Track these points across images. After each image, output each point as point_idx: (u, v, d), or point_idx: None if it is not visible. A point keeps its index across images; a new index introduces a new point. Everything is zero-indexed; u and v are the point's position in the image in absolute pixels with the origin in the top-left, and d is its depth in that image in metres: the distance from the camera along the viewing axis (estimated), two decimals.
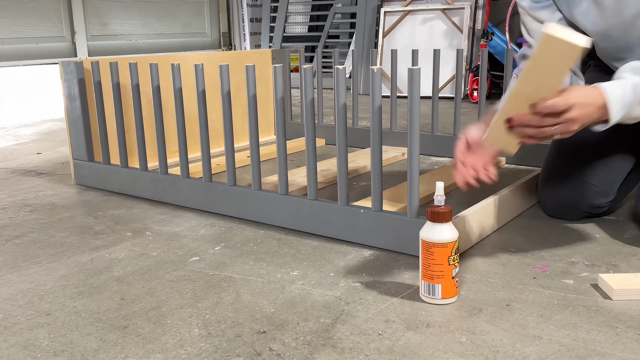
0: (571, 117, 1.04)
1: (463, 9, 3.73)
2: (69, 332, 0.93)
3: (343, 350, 0.86)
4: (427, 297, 1.00)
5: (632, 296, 0.99)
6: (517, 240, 1.28)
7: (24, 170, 2.07)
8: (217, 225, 1.43)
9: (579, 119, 1.05)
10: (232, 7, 5.01)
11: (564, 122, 1.04)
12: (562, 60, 0.97)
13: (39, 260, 1.24)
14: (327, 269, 1.15)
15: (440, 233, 0.97)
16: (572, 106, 1.03)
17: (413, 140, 1.14)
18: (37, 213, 1.57)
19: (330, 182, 1.77)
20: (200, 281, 1.11)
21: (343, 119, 1.23)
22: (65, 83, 1.77)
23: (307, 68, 1.27)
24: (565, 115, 1.04)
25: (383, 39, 4.01)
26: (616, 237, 1.28)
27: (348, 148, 2.30)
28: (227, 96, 1.41)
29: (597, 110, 1.07)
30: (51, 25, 3.78)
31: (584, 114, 1.06)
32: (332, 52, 2.32)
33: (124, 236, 1.37)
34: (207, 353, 0.86)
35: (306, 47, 4.87)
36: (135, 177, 1.66)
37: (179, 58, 2.07)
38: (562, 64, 0.98)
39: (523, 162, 1.94)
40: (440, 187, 0.99)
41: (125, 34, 4.21)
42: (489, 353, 0.84)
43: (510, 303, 0.99)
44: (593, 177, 1.33)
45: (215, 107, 2.18)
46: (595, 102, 1.06)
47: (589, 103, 1.06)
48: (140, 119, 1.62)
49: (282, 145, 1.35)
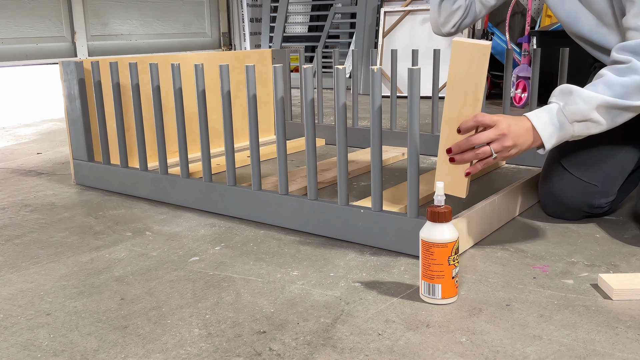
0: (502, 131, 1.10)
1: None
2: (69, 332, 0.93)
3: (343, 350, 0.86)
4: (427, 297, 1.00)
5: (632, 296, 0.99)
6: (517, 240, 1.28)
7: (24, 170, 2.07)
8: (217, 225, 1.43)
9: (510, 134, 1.11)
10: (232, 7, 5.01)
11: (497, 138, 1.10)
12: (476, 66, 1.02)
13: (39, 260, 1.24)
14: (327, 269, 1.15)
15: (441, 233, 0.97)
16: (499, 121, 1.10)
17: (413, 140, 1.14)
18: (37, 213, 1.57)
19: (330, 182, 1.77)
20: (200, 281, 1.11)
21: (343, 119, 1.23)
22: (65, 83, 1.77)
23: (307, 68, 1.27)
24: (495, 129, 1.10)
25: (383, 39, 4.01)
26: (616, 237, 1.28)
27: (348, 148, 2.30)
28: (227, 96, 1.41)
29: (527, 132, 1.14)
30: (51, 25, 3.78)
31: (515, 131, 1.12)
32: (332, 52, 2.32)
33: (124, 236, 1.37)
34: (207, 353, 0.86)
35: (306, 47, 4.87)
36: (135, 177, 1.67)
37: (179, 58, 2.07)
38: (477, 69, 1.03)
39: (523, 162, 1.94)
40: (440, 187, 0.99)
41: (125, 34, 4.21)
42: (489, 353, 0.84)
43: (510, 303, 0.99)
44: (593, 177, 1.33)
45: (215, 107, 2.18)
46: (523, 124, 1.14)
47: (517, 124, 1.13)
48: (140, 119, 1.63)
49: (282, 145, 1.35)
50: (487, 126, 1.10)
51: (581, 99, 1.14)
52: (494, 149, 1.10)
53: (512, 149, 1.12)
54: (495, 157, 1.11)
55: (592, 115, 1.14)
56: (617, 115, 1.15)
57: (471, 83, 1.04)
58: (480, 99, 1.07)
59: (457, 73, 1.03)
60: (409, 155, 1.16)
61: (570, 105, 1.14)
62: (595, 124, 1.15)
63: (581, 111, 1.13)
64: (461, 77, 1.04)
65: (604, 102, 1.13)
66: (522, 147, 1.14)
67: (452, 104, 1.07)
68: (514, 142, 1.12)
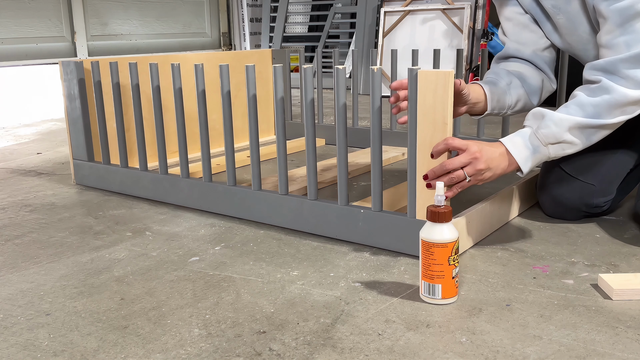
0: (474, 154, 1.11)
1: (463, 9, 3.73)
2: (69, 332, 0.93)
3: (343, 350, 0.86)
4: (427, 297, 1.00)
5: (632, 296, 0.99)
6: (517, 240, 1.28)
7: (24, 170, 2.07)
8: (217, 225, 1.43)
9: (482, 157, 1.12)
10: (232, 7, 5.01)
11: (469, 161, 1.11)
12: (441, 92, 1.08)
13: (39, 260, 1.24)
14: (327, 269, 1.15)
15: (441, 233, 0.97)
16: (469, 145, 1.11)
17: (413, 140, 1.14)
18: (37, 213, 1.57)
19: (330, 182, 1.77)
20: (200, 281, 1.11)
21: (343, 119, 1.23)
22: (65, 83, 1.77)
23: (307, 68, 1.27)
24: (467, 154, 1.11)
25: (383, 39, 4.01)
26: (616, 237, 1.28)
27: (348, 148, 2.30)
28: (227, 96, 1.41)
29: (501, 156, 1.15)
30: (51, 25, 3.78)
31: (487, 155, 1.12)
32: (332, 52, 2.32)
33: (124, 236, 1.37)
34: (207, 353, 0.86)
35: (306, 47, 4.87)
36: (135, 177, 1.66)
37: (179, 58, 2.07)
38: (442, 94, 1.08)
39: None
40: (441, 187, 0.99)
41: (125, 34, 4.21)
42: (489, 353, 0.84)
43: (510, 303, 0.99)
44: (591, 177, 1.33)
45: (215, 107, 2.18)
46: (496, 149, 1.15)
47: (489, 148, 1.14)
48: (140, 119, 1.62)
49: (282, 145, 1.35)
50: (458, 149, 1.12)
51: (552, 122, 1.15)
52: (467, 172, 1.11)
53: (485, 172, 1.12)
54: (469, 180, 1.12)
55: (565, 137, 1.15)
56: (591, 134, 1.16)
57: (438, 108, 1.10)
58: (448, 123, 1.10)
59: (425, 100, 1.10)
60: (409, 155, 1.16)
61: (542, 129, 1.15)
62: (569, 145, 1.16)
63: (553, 134, 1.15)
64: (429, 103, 1.10)
65: (576, 124, 1.14)
66: (496, 171, 1.14)
67: (423, 130, 1.12)
68: (487, 165, 1.12)
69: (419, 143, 1.13)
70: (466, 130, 2.63)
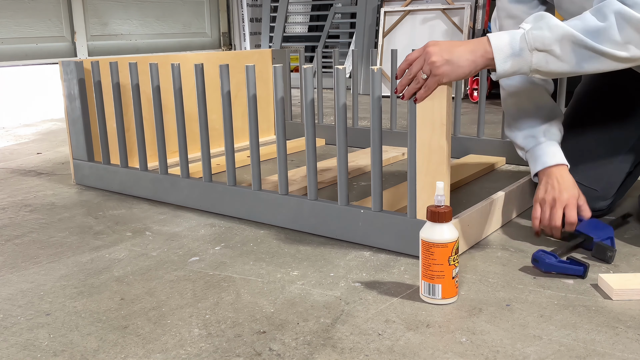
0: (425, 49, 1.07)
1: (463, 9, 3.73)
2: (69, 332, 0.93)
3: (343, 350, 0.86)
4: (427, 297, 1.00)
5: (632, 296, 0.99)
6: (517, 240, 1.28)
7: (24, 170, 2.07)
8: (217, 225, 1.43)
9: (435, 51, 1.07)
10: (232, 7, 5.01)
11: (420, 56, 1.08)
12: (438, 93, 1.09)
13: (39, 260, 1.24)
14: (327, 269, 1.15)
15: (441, 233, 0.97)
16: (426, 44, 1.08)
17: (413, 141, 1.14)
18: (37, 213, 1.57)
19: (330, 182, 1.77)
20: (200, 281, 1.11)
21: (343, 119, 1.23)
22: (65, 83, 1.77)
23: (307, 68, 1.27)
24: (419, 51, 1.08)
25: (383, 39, 4.01)
26: (616, 237, 1.28)
27: (348, 148, 2.30)
28: (227, 96, 1.41)
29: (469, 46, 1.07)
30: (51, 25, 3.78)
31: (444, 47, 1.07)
32: (332, 52, 2.32)
33: (124, 236, 1.37)
34: (207, 353, 0.86)
35: (306, 47, 4.87)
36: (135, 177, 1.66)
37: (179, 58, 2.07)
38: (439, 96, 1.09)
39: (523, 162, 1.94)
40: (441, 187, 0.99)
41: (125, 34, 4.21)
42: (489, 353, 0.84)
43: (510, 303, 0.99)
44: (593, 182, 1.33)
45: (215, 107, 2.18)
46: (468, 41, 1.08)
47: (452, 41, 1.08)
48: (140, 119, 1.62)
49: (282, 145, 1.35)
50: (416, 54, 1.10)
51: (547, 25, 1.04)
52: (422, 69, 1.07)
53: (441, 65, 1.05)
54: (425, 77, 1.07)
55: (553, 47, 1.04)
56: (584, 59, 1.05)
57: (436, 109, 1.10)
58: (445, 124, 1.10)
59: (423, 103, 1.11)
60: (409, 155, 1.16)
61: (535, 29, 1.05)
62: (555, 59, 1.05)
63: (543, 38, 1.04)
64: (428, 104, 1.11)
65: (570, 35, 1.03)
66: (459, 62, 1.06)
67: (422, 130, 1.13)
68: (441, 57, 1.05)
69: (418, 143, 1.13)
70: (466, 130, 2.63)
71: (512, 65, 1.06)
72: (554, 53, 1.05)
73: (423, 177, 1.14)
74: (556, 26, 1.04)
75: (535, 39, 1.05)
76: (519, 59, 1.06)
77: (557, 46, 1.04)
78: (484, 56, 1.07)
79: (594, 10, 1.05)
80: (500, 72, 1.07)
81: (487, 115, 3.02)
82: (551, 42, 1.04)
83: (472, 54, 1.07)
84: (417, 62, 1.09)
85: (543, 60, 1.05)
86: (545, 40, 1.04)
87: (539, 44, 1.05)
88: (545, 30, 1.04)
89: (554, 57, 1.05)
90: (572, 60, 1.05)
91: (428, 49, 1.07)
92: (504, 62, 1.06)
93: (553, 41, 1.04)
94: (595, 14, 1.04)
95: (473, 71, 1.08)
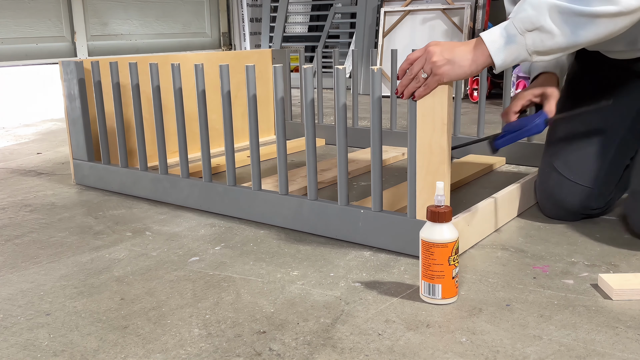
0: (426, 49, 1.08)
1: (463, 9, 3.73)
2: (69, 332, 0.93)
3: (343, 350, 0.86)
4: (427, 297, 1.00)
5: (632, 296, 0.99)
6: (517, 240, 1.28)
7: (24, 170, 2.07)
8: (217, 225, 1.43)
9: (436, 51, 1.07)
10: (232, 7, 5.01)
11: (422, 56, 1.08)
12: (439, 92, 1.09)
13: (39, 260, 1.24)
14: (327, 269, 1.15)
15: (441, 233, 0.97)
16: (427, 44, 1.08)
17: (413, 141, 1.14)
18: (37, 213, 1.57)
19: (330, 182, 1.77)
20: (200, 281, 1.11)
21: (343, 119, 1.23)
22: (65, 83, 1.77)
23: (307, 68, 1.27)
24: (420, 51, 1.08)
25: (383, 39, 4.01)
26: (616, 237, 1.28)
27: (348, 148, 2.30)
28: (227, 96, 1.41)
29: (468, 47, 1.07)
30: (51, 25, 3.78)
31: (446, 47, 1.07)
32: (332, 52, 2.32)
33: (124, 236, 1.37)
34: (207, 353, 0.86)
35: (306, 47, 4.87)
36: (135, 177, 1.66)
37: (179, 58, 2.07)
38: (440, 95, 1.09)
39: (523, 162, 1.94)
40: (441, 187, 0.99)
41: (125, 34, 4.21)
42: (489, 353, 0.84)
43: (510, 303, 0.99)
44: (590, 181, 1.33)
45: (215, 107, 2.18)
46: (466, 42, 1.09)
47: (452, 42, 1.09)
48: (140, 119, 1.63)
49: (282, 145, 1.35)
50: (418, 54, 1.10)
51: (530, 4, 1.03)
52: (424, 69, 1.08)
53: (442, 65, 1.06)
54: (425, 76, 1.08)
55: (542, 22, 1.02)
56: (577, 27, 1.02)
57: (437, 109, 1.10)
58: (446, 123, 1.10)
59: (424, 100, 1.11)
60: (409, 155, 1.16)
61: (519, 12, 1.04)
62: (548, 35, 1.03)
63: (529, 17, 1.03)
64: (428, 104, 1.11)
65: (555, 5, 1.02)
66: (461, 63, 1.06)
67: (422, 130, 1.13)
68: (442, 56, 1.06)
69: (418, 143, 1.13)
70: (466, 130, 2.63)
71: (509, 54, 1.06)
72: (546, 29, 1.03)
73: (423, 177, 1.14)
74: (539, 2, 1.02)
75: (522, 20, 1.03)
76: (515, 46, 1.05)
77: (546, 20, 1.02)
78: (481, 53, 1.07)
79: None
80: (499, 64, 1.07)
81: (487, 115, 3.02)
82: (538, 18, 1.02)
83: (472, 53, 1.08)
84: (418, 61, 1.09)
85: (537, 39, 1.04)
86: (532, 18, 1.03)
87: (527, 24, 1.03)
88: (529, 10, 1.03)
89: (547, 34, 1.03)
90: (566, 31, 1.03)
91: (429, 49, 1.08)
92: (500, 52, 1.06)
93: (540, 16, 1.02)
94: None
95: (474, 71, 1.08)
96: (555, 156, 1.37)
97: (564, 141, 1.37)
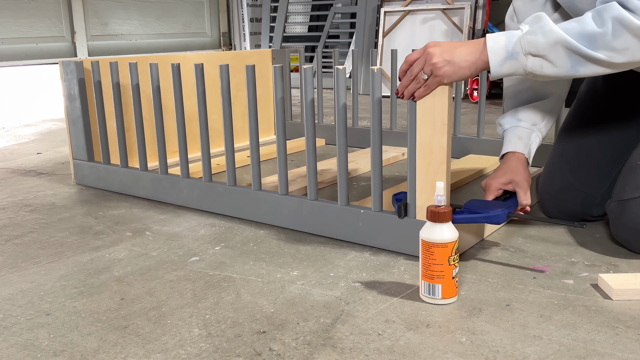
0: (426, 50, 1.08)
1: (463, 9, 3.73)
2: (69, 332, 0.93)
3: (343, 350, 0.86)
4: (427, 297, 1.00)
5: (632, 296, 0.99)
6: (517, 240, 1.28)
7: (24, 170, 2.07)
8: (217, 225, 1.43)
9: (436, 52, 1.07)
10: (232, 7, 5.01)
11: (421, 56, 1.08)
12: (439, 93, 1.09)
13: (39, 260, 1.24)
14: (327, 269, 1.15)
15: (441, 233, 0.97)
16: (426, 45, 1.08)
17: (413, 141, 1.14)
18: (37, 213, 1.57)
19: (330, 182, 1.77)
20: (200, 281, 1.11)
21: (343, 119, 1.23)
22: (65, 83, 1.77)
23: (307, 68, 1.27)
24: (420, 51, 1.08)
25: (383, 39, 4.01)
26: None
27: (348, 148, 2.30)
28: (227, 96, 1.41)
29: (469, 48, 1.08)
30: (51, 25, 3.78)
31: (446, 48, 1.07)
32: (332, 52, 2.32)
33: (124, 236, 1.37)
34: (207, 353, 0.86)
35: (306, 47, 4.87)
36: (135, 177, 1.67)
37: (179, 58, 2.07)
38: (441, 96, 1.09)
39: None
40: (441, 187, 0.99)
41: (125, 34, 4.21)
42: (489, 353, 0.84)
43: (510, 303, 0.99)
44: (594, 189, 1.32)
45: (215, 107, 2.18)
46: (469, 42, 1.09)
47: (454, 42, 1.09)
48: (140, 119, 1.62)
49: (282, 145, 1.35)
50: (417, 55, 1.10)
51: (542, 30, 1.03)
52: (424, 70, 1.08)
53: (442, 66, 1.06)
54: (425, 77, 1.08)
55: (547, 53, 1.04)
56: (579, 63, 1.04)
57: (437, 109, 1.10)
58: (446, 123, 1.10)
59: (424, 101, 1.11)
60: (409, 155, 1.16)
61: (530, 34, 1.04)
62: (550, 64, 1.05)
63: (537, 44, 1.04)
64: (428, 104, 1.11)
65: (564, 41, 1.02)
66: (461, 64, 1.06)
67: (422, 130, 1.13)
68: (443, 58, 1.06)
69: (418, 143, 1.13)
70: (466, 130, 2.63)
71: (507, 68, 1.07)
72: (548, 58, 1.04)
73: (423, 177, 1.14)
74: (550, 31, 1.03)
75: (529, 44, 1.04)
76: (514, 62, 1.06)
77: (551, 52, 1.04)
78: (481, 59, 1.08)
79: (595, 12, 1.03)
80: (495, 74, 1.08)
81: (487, 115, 3.02)
82: (544, 47, 1.04)
83: (472, 56, 1.08)
84: (417, 63, 1.09)
85: (537, 64, 1.06)
86: (538, 45, 1.04)
87: (532, 49, 1.05)
88: (539, 35, 1.04)
89: (548, 62, 1.05)
90: (566, 65, 1.04)
91: (429, 50, 1.08)
92: (499, 65, 1.07)
93: (546, 47, 1.04)
94: (595, 17, 1.03)
95: (474, 73, 1.09)
96: (564, 160, 1.36)
97: (576, 147, 1.36)
